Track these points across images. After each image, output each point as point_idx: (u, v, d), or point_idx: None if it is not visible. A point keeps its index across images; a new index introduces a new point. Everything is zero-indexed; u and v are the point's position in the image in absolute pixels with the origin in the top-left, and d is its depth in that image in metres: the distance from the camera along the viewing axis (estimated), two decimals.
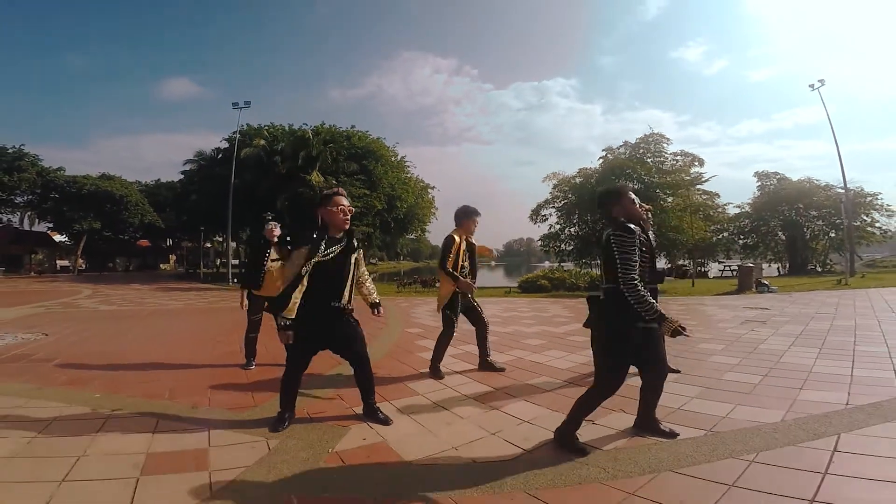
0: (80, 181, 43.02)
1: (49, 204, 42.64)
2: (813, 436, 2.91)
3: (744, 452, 2.70)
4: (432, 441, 3.02)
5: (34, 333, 7.70)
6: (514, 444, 2.94)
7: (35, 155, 41.01)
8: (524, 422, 3.33)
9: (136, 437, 3.04)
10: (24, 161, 39.53)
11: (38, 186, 41.09)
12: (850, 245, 22.80)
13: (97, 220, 43.21)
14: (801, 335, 6.60)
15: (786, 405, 3.52)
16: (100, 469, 2.59)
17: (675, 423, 3.16)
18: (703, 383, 4.22)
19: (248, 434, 3.11)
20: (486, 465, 2.65)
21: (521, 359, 5.46)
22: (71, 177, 43.35)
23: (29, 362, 5.48)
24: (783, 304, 11.11)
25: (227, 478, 2.48)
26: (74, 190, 42.27)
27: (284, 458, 2.73)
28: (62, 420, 3.40)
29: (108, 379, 4.66)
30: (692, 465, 2.57)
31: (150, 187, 54.05)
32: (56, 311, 11.85)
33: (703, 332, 6.94)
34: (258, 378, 4.70)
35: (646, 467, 2.55)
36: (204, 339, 7.27)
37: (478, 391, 4.14)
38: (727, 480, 2.37)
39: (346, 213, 3.25)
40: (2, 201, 41.51)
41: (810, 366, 4.74)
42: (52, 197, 42.48)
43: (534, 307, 11.32)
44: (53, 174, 42.12)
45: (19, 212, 44.28)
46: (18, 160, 39.19)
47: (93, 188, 42.67)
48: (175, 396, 4.04)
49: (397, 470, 2.61)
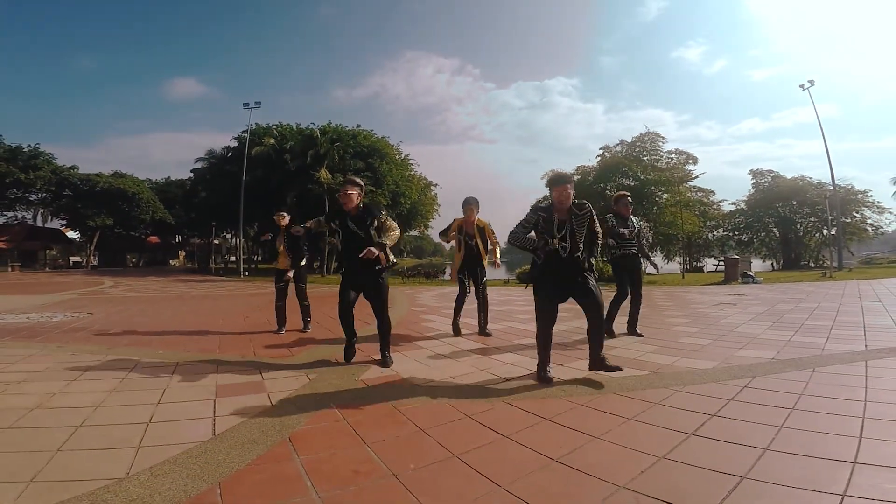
0: (93, 179, 44.15)
1: (63, 201, 43.76)
2: (733, 377, 3.68)
3: (674, 385, 3.51)
4: (435, 373, 3.97)
5: (80, 313, 8.64)
6: (498, 376, 3.86)
7: (50, 154, 42.31)
8: (508, 364, 4.25)
9: (204, 376, 3.92)
10: (40, 160, 40.72)
11: (52, 184, 42.25)
12: (839, 240, 23.42)
13: (109, 217, 44.33)
14: (763, 314, 7.42)
15: (721, 358, 4.34)
16: (185, 394, 3.44)
17: (628, 368, 3.98)
18: (660, 344, 5.09)
19: (292, 371, 4.03)
20: (475, 386, 3.57)
21: (511, 327, 6.48)
22: (84, 175, 44.47)
23: (91, 332, 6.37)
24: (761, 292, 11.89)
25: (281, 395, 3.36)
26: (87, 188, 43.47)
27: (323, 384, 3.63)
28: (142, 366, 4.27)
29: (164, 341, 5.58)
30: (632, 390, 3.41)
31: (160, 185, 55.27)
32: (89, 297, 12.80)
33: (675, 311, 7.88)
34: (290, 339, 5.66)
35: (594, 391, 3.41)
36: (234, 314, 8.26)
37: (474, 347, 5.10)
38: (654, 400, 3.18)
39: (342, 197, 4.28)
40: (17, 198, 42.72)
41: (757, 334, 5.55)
42: (66, 194, 43.63)
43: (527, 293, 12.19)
44: (67, 172, 43.27)
45: (34, 209, 45.49)
46: (34, 158, 40.39)
47: (106, 186, 43.86)
48: (225, 350, 4.98)
49: (407, 388, 3.54)
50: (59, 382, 3.70)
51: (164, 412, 3.06)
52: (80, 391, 3.50)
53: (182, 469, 2.19)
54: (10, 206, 43.42)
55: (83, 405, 3.14)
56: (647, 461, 2.23)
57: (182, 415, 3.01)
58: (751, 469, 2.10)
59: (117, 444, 2.49)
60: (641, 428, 2.70)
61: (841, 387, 3.35)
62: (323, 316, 7.60)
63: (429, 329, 6.19)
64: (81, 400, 3.26)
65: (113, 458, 2.31)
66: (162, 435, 2.65)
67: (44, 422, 2.83)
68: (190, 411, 3.08)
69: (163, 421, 2.89)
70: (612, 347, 4.86)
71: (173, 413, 3.05)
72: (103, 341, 5.62)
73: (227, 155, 36.03)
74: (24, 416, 2.93)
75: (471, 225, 5.79)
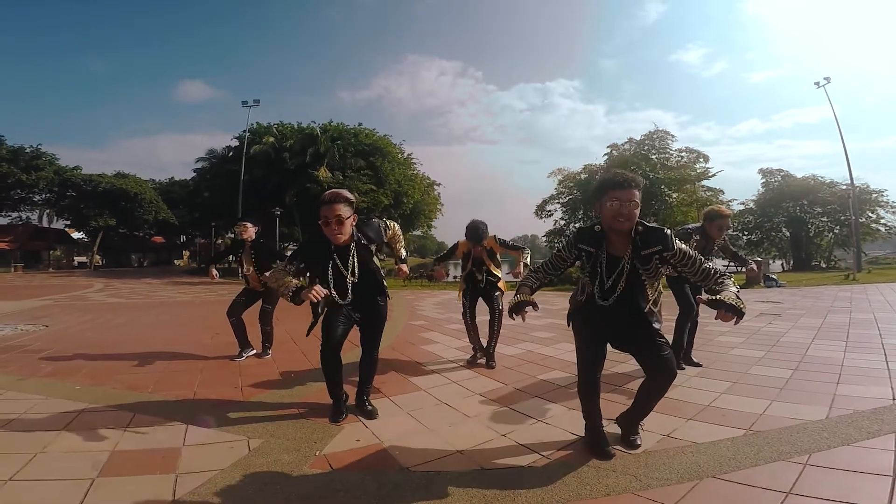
0: (95, 179, 43.60)
1: (66, 202, 43.24)
2: (866, 435, 2.53)
3: (790, 454, 2.33)
4: (435, 443, 2.64)
5: (35, 325, 7.53)
6: (527, 446, 2.55)
7: (52, 154, 41.70)
8: (538, 421, 2.95)
9: (104, 433, 2.74)
10: (42, 160, 40.11)
11: (55, 185, 41.70)
12: (856, 241, 22.36)
13: (112, 217, 43.71)
14: (821, 328, 6.24)
15: (826, 401, 3.14)
16: (54, 468, 2.30)
17: (707, 423, 2.80)
18: (730, 378, 3.82)
19: (229, 433, 2.78)
20: (498, 473, 2.27)
21: (530, 352, 5.11)
22: (87, 175, 43.94)
23: (20, 353, 5.25)
24: (794, 297, 10.81)
25: (195, 482, 2.15)
26: (90, 188, 42.86)
27: (265, 460, 2.39)
28: (34, 412, 3.13)
29: (94, 369, 4.39)
30: (736, 470, 2.20)
31: (164, 185, 54.64)
32: (63, 303, 11.75)
33: (717, 325, 6.48)
34: (250, 370, 4.40)
35: (684, 474, 2.17)
36: (205, 329, 7.00)
37: (486, 387, 3.76)
38: (781, 488, 2.00)
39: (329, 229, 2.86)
40: (21, 199, 42.25)
41: (839, 359, 4.36)
42: (69, 195, 43.10)
43: (540, 300, 10.93)
44: (70, 173, 42.75)
45: (38, 209, 45.01)
46: (36, 159, 39.79)
47: (108, 186, 43.23)
48: (159, 389, 3.74)
49: (393, 478, 2.24)
50: None
51: (15, 493, 2.04)
52: None
53: None
54: (14, 206, 42.93)
55: None
56: None
57: None
58: None
59: None
60: None
61: None
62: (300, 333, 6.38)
63: (429, 356, 4.85)
64: None
65: None
66: None
67: None
68: (43, 501, 2.00)
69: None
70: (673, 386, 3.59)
71: (30, 497, 2.02)
72: (23, 368, 4.47)
73: (228, 154, 35.05)
74: None
75: (481, 252, 4.55)
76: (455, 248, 4.76)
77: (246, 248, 4.96)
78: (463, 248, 4.64)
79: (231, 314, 4.86)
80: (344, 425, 2.90)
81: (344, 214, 2.83)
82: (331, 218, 2.81)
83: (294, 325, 6.74)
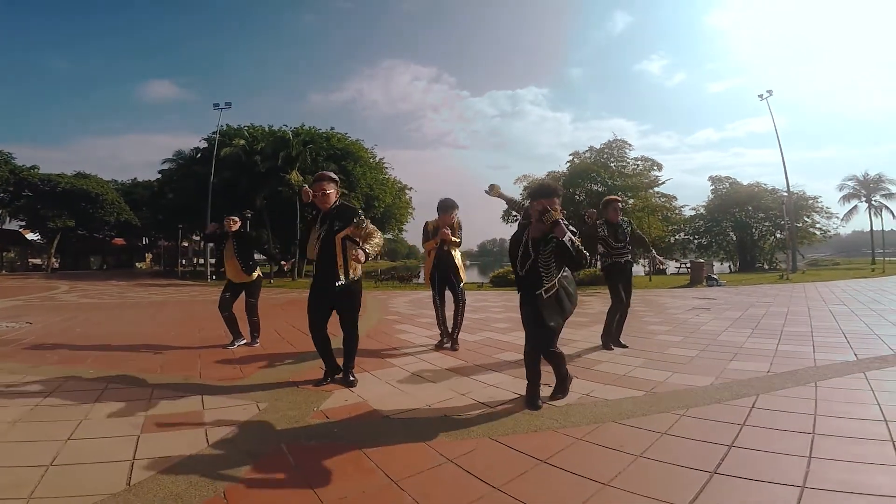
0: (54, 179, 42.28)
1: (22, 202, 41.75)
2: (735, 396, 3.32)
3: (675, 408, 3.10)
4: (409, 399, 3.39)
5: (18, 322, 7.79)
6: (480, 402, 3.31)
7: (8, 153, 40.26)
8: (490, 386, 3.72)
9: (133, 404, 3.30)
10: None
11: (10, 184, 40.22)
12: (792, 244, 24.27)
13: (71, 219, 42.48)
14: (739, 319, 7.23)
15: (715, 373, 3.97)
16: (103, 428, 2.85)
17: (619, 387, 3.59)
18: (647, 357, 4.68)
19: (239, 398, 3.42)
20: (456, 417, 3.02)
21: (489, 338, 5.91)
22: (45, 175, 42.51)
23: (19, 346, 5.62)
24: (728, 295, 11.96)
25: (223, 432, 2.77)
26: (48, 188, 41.52)
27: (274, 416, 3.05)
28: (63, 390, 3.63)
29: (100, 358, 4.88)
30: (632, 417, 2.96)
31: (127, 186, 53.35)
32: (35, 304, 11.82)
33: (652, 317, 7.56)
34: (243, 355, 5.01)
35: (591, 419, 2.94)
36: (189, 325, 7.49)
37: (451, 364, 4.51)
38: (660, 429, 2.74)
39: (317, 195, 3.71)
40: None
41: (741, 343, 5.26)
42: (25, 195, 41.63)
43: (503, 298, 11.87)
44: (27, 172, 41.27)
45: None
46: None
47: (68, 186, 42.00)
48: (167, 370, 4.32)
49: (376, 422, 2.97)
50: None
51: (72, 452, 2.50)
52: None
53: None
54: None
55: None
56: None
57: (93, 456, 2.45)
58: None
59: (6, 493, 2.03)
60: (656, 468, 2.26)
61: (852, 404, 3.06)
62: (286, 326, 6.98)
63: (402, 342, 5.60)
64: None
65: None
66: (61, 483, 2.13)
67: None
68: (104, 451, 2.52)
69: (67, 464, 2.35)
70: (598, 362, 4.45)
71: (83, 453, 2.49)
72: (30, 357, 4.91)
73: (196, 156, 34.79)
74: None
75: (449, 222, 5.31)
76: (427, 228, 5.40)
77: (228, 240, 5.51)
78: (433, 225, 5.32)
79: (223, 309, 5.42)
80: (333, 391, 3.59)
81: (330, 191, 3.71)
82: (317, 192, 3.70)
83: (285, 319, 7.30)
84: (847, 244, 63.03)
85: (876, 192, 37.80)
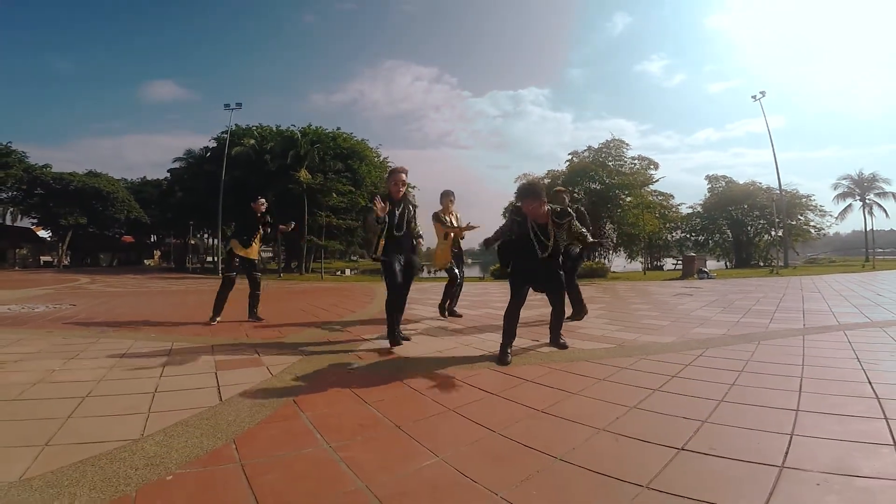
0: (66, 178, 43.29)
1: (35, 200, 42.70)
2: (689, 348, 4.07)
3: (638, 354, 3.87)
4: (423, 349, 4.26)
5: (61, 304, 8.58)
6: (480, 349, 4.18)
7: (22, 152, 41.25)
8: (488, 341, 4.54)
9: (201, 355, 4.04)
10: (11, 158, 39.65)
11: (24, 182, 41.18)
12: (785, 240, 24.95)
13: (83, 216, 43.41)
14: (715, 301, 8.03)
15: (679, 335, 4.75)
16: (185, 369, 3.54)
17: (596, 342, 4.37)
18: (624, 324, 5.52)
19: (287, 349, 4.23)
20: (462, 358, 3.87)
21: (488, 313, 6.86)
22: (58, 174, 43.53)
23: (78, 321, 6.36)
24: (715, 285, 12.75)
25: (280, 368, 3.54)
26: (60, 186, 42.48)
27: (319, 359, 3.84)
28: (137, 347, 4.38)
29: (153, 329, 5.64)
30: (601, 358, 3.75)
31: (136, 184, 54.45)
32: (66, 292, 12.54)
33: (637, 300, 8.52)
34: (278, 323, 5.88)
35: (568, 359, 3.75)
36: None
37: (456, 328, 5.44)
38: (622, 366, 3.50)
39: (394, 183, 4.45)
40: None
41: (711, 317, 6.03)
42: (38, 193, 42.59)
43: (502, 288, 12.65)
44: (40, 171, 42.27)
45: (2, 207, 44.15)
46: (5, 157, 39.29)
47: (80, 185, 42.99)
48: (217, 334, 5.12)
49: (401, 360, 3.83)
50: (56, 361, 3.76)
51: (168, 383, 3.16)
52: (80, 368, 3.55)
53: (195, 429, 2.28)
54: None
55: (85, 379, 3.19)
56: (620, 410, 2.51)
57: (186, 385, 3.11)
58: (709, 416, 2.39)
59: (126, 411, 2.56)
60: (613, 386, 3.01)
61: (782, 354, 3.77)
62: (307, 305, 7.80)
63: (414, 316, 6.41)
64: (83, 375, 3.32)
65: (124, 422, 2.38)
66: (170, 402, 2.74)
67: (48, 394, 2.88)
68: (194, 382, 3.19)
69: (168, 391, 2.98)
70: (580, 327, 5.28)
71: (178, 384, 3.14)
72: (88, 330, 5.61)
73: (206, 155, 35.79)
74: (27, 389, 2.96)
75: (451, 214, 6.21)
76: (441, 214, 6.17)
77: (258, 219, 6.33)
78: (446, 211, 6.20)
79: (226, 288, 6.11)
80: (362, 343, 4.44)
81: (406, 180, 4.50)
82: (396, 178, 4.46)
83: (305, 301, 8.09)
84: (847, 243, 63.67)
85: (870, 190, 38.61)
